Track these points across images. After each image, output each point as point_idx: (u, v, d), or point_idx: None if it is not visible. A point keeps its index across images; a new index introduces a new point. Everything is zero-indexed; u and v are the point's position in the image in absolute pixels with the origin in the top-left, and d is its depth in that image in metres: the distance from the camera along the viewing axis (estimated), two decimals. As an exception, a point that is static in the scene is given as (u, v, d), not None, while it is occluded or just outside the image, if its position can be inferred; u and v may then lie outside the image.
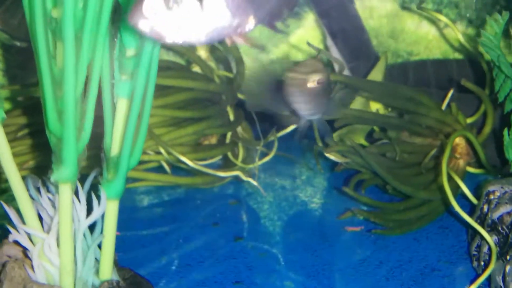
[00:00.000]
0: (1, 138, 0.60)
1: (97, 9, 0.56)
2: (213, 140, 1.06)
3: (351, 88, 0.93)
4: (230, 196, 1.05)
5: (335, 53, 1.18)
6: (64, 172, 0.61)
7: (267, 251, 0.89)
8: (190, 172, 1.05)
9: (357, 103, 0.95)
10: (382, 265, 0.84)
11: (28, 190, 0.63)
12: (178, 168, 1.05)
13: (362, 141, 0.98)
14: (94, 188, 0.67)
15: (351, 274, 0.83)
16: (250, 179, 0.94)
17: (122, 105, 0.62)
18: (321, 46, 1.34)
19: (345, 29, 1.19)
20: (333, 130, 0.95)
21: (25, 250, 0.68)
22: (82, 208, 0.63)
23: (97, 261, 0.66)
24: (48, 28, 0.58)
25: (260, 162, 1.01)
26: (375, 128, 1.00)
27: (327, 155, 0.90)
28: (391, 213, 0.88)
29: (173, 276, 0.84)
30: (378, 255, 0.86)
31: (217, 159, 1.07)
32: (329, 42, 1.19)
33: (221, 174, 0.95)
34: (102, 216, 0.65)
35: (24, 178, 0.62)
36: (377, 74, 1.01)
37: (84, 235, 0.65)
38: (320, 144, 0.90)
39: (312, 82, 0.75)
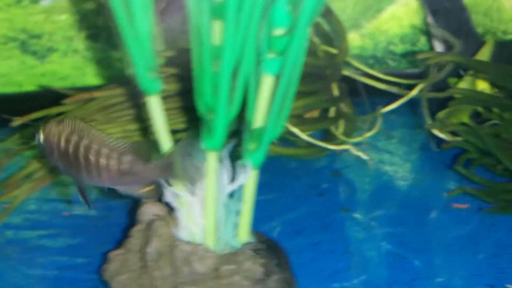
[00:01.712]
0: (158, 108, 0.65)
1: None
2: (315, 114, 1.10)
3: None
4: (331, 168, 1.09)
5: (435, 31, 1.19)
6: (214, 141, 0.65)
7: (373, 223, 0.93)
8: (292, 143, 1.09)
9: (465, 83, 0.96)
10: (489, 243, 0.87)
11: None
12: (280, 139, 1.09)
13: (466, 121, 1.00)
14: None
15: (457, 249, 0.86)
16: (360, 153, 0.98)
17: (267, 81, 0.66)
18: (415, 23, 1.35)
19: (446, 7, 1.20)
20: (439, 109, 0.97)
21: (166, 209, 0.74)
22: (227, 174, 0.67)
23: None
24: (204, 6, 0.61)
25: (362, 137, 1.04)
26: (479, 108, 1.01)
27: (435, 132, 0.92)
28: (501, 193, 0.90)
29: (285, 241, 0.89)
30: (486, 233, 0.88)
31: (309, 132, 1.10)
32: (430, 19, 1.20)
33: (333, 147, 0.99)
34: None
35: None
36: (484, 54, 1.02)
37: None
38: (429, 121, 0.92)
39: None
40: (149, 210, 0.73)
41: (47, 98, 1.35)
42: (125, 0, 0.59)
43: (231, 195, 0.70)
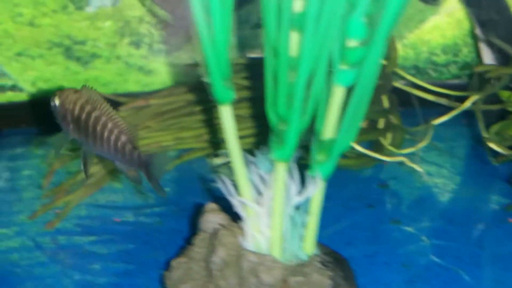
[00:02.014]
0: (230, 117, 0.65)
1: (333, 3, 0.60)
2: (364, 124, 1.09)
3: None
4: (378, 179, 1.08)
5: (483, 42, 1.18)
6: (285, 151, 0.65)
7: (425, 236, 0.92)
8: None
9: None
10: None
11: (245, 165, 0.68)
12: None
13: (520, 135, 0.99)
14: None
15: (513, 265, 0.85)
16: (415, 165, 0.97)
17: (338, 93, 0.66)
18: (458, 33, 1.35)
19: (495, 19, 1.19)
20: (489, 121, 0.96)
21: (228, 218, 0.74)
22: (295, 185, 0.67)
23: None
24: (283, 18, 0.61)
25: (412, 149, 1.03)
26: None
27: (491, 145, 0.92)
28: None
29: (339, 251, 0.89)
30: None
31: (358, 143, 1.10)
32: (478, 31, 1.19)
33: (386, 158, 0.98)
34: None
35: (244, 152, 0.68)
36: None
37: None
38: (486, 134, 0.92)
39: None
40: (212, 219, 0.73)
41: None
42: (205, 9, 0.59)
43: (297, 205, 0.70)
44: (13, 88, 1.38)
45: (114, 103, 1.09)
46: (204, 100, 0.99)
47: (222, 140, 0.99)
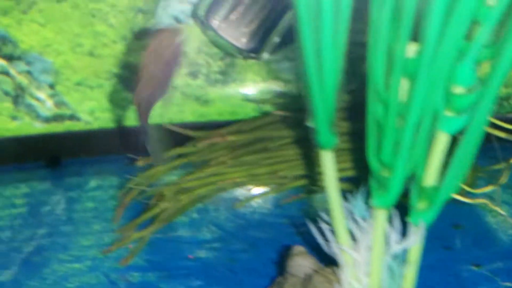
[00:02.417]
0: (331, 163, 0.64)
1: (447, 49, 0.59)
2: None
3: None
4: (451, 219, 1.06)
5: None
6: (387, 199, 0.64)
7: (509, 281, 0.89)
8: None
9: None
10: None
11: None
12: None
13: None
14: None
15: None
16: (498, 208, 0.95)
17: (443, 139, 0.64)
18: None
19: None
20: None
21: (316, 262, 0.73)
22: (395, 234, 0.66)
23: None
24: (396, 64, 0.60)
25: (487, 188, 1.01)
26: None
27: None
28: None
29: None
30: None
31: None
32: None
33: (463, 199, 0.96)
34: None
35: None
36: None
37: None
38: None
39: None
40: (302, 263, 0.72)
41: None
42: (317, 53, 0.58)
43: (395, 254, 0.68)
44: (72, 117, 1.39)
45: (187, 137, 1.10)
46: (280, 136, 0.99)
47: (298, 177, 0.99)
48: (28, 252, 1.01)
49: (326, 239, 0.68)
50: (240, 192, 1.04)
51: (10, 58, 1.33)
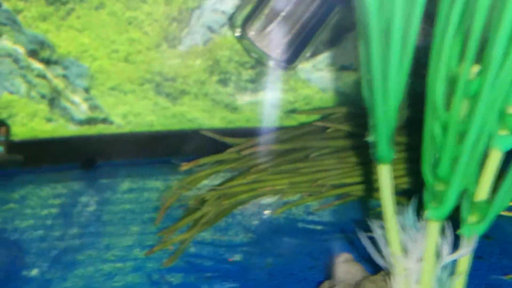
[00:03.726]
0: (388, 176, 0.68)
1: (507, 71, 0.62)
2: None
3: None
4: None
5: None
6: (441, 211, 0.68)
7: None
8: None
9: None
10: None
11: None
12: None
13: None
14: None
15: None
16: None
17: (496, 156, 0.68)
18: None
19: None
20: None
21: (363, 269, 0.76)
22: (447, 245, 0.69)
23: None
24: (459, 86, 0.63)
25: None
26: None
27: None
28: None
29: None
30: None
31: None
32: None
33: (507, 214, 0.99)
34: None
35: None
36: None
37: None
38: None
39: None
40: (350, 270, 0.75)
41: (175, 138, 1.44)
42: (384, 73, 0.62)
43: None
44: (104, 121, 1.42)
45: (223, 145, 1.12)
46: (320, 146, 1.02)
47: (336, 186, 1.03)
48: (64, 250, 1.04)
49: (374, 248, 0.71)
50: (279, 199, 1.08)
51: (47, 62, 1.37)
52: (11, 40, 1.35)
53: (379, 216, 0.72)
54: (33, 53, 1.36)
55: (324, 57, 1.42)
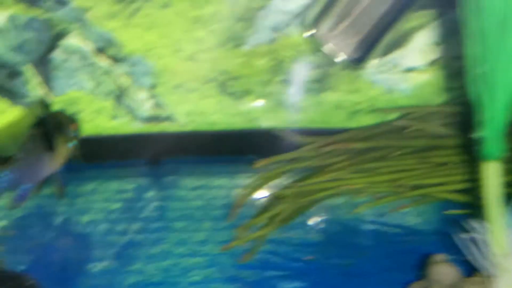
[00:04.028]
0: (496, 174, 0.66)
1: None
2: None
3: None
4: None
5: None
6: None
7: None
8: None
9: None
10: None
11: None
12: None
13: None
14: None
15: None
16: None
17: None
18: None
19: None
20: None
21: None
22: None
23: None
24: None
25: None
26: None
27: None
28: None
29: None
30: None
31: None
32: None
33: None
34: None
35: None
36: None
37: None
38: None
39: None
40: (447, 271, 0.74)
41: (238, 137, 1.44)
42: (496, 65, 0.60)
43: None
44: (168, 119, 1.42)
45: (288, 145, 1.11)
46: (399, 146, 1.01)
47: (416, 187, 1.01)
48: (139, 244, 1.04)
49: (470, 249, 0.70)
50: (355, 198, 1.07)
51: (114, 59, 1.38)
52: (79, 38, 1.36)
53: (458, 218, 0.70)
54: (100, 51, 1.37)
55: (390, 58, 1.40)
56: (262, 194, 1.08)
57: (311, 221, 1.08)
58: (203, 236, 1.07)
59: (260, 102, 1.41)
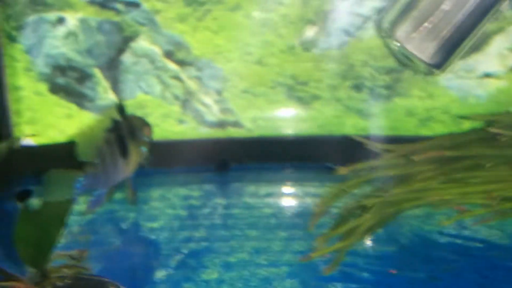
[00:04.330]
0: None
1: None
2: None
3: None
4: None
5: None
6: None
7: None
8: None
9: None
10: None
11: None
12: None
13: None
14: None
15: None
16: None
17: None
18: None
19: None
20: None
21: None
22: None
23: None
24: None
25: None
26: None
27: None
28: None
29: None
30: None
31: None
32: None
33: None
34: None
35: None
36: None
37: None
38: None
39: None
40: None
41: (305, 144, 1.40)
42: None
43: None
44: (235, 124, 1.40)
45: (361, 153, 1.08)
46: (492, 155, 0.95)
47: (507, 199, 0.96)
48: (216, 251, 1.02)
49: None
50: (445, 209, 1.02)
51: (182, 63, 1.36)
52: (149, 41, 1.35)
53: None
54: (169, 54, 1.36)
55: (466, 63, 1.35)
56: (341, 203, 1.03)
57: (389, 232, 1.04)
58: (280, 245, 1.04)
59: (328, 108, 1.38)
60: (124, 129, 1.04)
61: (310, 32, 1.34)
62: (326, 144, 1.37)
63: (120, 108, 1.04)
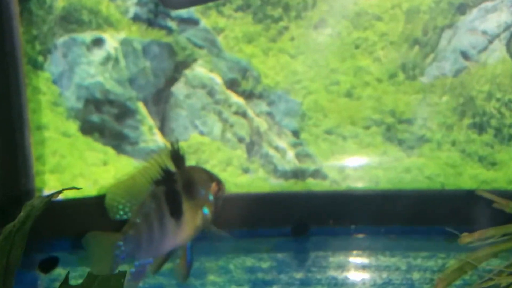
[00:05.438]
0: None
1: None
2: None
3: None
4: None
5: None
6: None
7: None
8: None
9: None
10: None
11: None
12: None
13: None
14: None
15: None
16: None
17: None
18: None
19: None
20: None
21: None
22: None
23: None
24: None
25: None
26: None
27: None
28: None
29: None
30: None
31: None
32: None
33: None
34: None
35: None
36: None
37: None
38: None
39: None
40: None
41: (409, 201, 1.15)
42: None
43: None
44: (315, 174, 1.19)
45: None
46: None
47: None
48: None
49: None
50: None
51: (249, 95, 1.22)
52: (207, 67, 1.21)
53: None
54: (232, 84, 1.20)
55: None
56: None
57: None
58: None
59: (441, 154, 1.18)
60: (179, 183, 0.86)
61: (416, 55, 1.15)
62: (438, 201, 1.18)
63: (175, 154, 0.84)
